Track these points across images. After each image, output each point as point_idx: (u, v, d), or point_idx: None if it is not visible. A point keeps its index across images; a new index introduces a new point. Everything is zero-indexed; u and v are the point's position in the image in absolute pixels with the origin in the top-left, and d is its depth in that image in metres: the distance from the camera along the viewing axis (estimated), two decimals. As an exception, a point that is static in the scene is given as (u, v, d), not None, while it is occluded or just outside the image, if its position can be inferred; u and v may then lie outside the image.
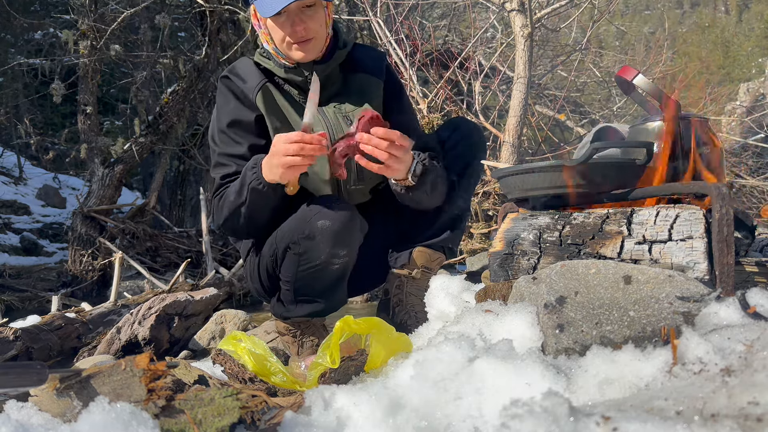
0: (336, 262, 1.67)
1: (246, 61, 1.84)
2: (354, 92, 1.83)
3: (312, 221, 1.63)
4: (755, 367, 0.74)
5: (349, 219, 1.64)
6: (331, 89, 1.81)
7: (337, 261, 1.67)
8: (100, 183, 6.53)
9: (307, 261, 1.67)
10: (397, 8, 5.94)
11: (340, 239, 1.64)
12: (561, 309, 1.12)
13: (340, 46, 1.80)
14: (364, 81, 1.85)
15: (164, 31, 7.28)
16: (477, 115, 5.47)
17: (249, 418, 0.98)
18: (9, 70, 9.84)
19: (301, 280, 1.72)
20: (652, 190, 1.43)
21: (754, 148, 6.02)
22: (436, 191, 1.78)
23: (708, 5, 43.23)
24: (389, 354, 1.30)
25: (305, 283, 1.73)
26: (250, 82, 1.77)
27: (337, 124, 1.77)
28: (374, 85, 1.86)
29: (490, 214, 4.46)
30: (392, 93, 1.91)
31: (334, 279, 1.73)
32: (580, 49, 7.02)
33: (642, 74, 1.58)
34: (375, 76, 1.86)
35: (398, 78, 1.97)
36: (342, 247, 1.65)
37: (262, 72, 1.79)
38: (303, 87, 1.78)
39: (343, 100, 1.82)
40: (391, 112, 1.87)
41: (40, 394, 1.10)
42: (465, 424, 0.91)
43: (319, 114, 1.77)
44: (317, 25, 1.68)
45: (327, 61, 1.76)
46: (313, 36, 1.68)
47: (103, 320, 2.75)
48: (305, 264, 1.68)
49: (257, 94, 1.75)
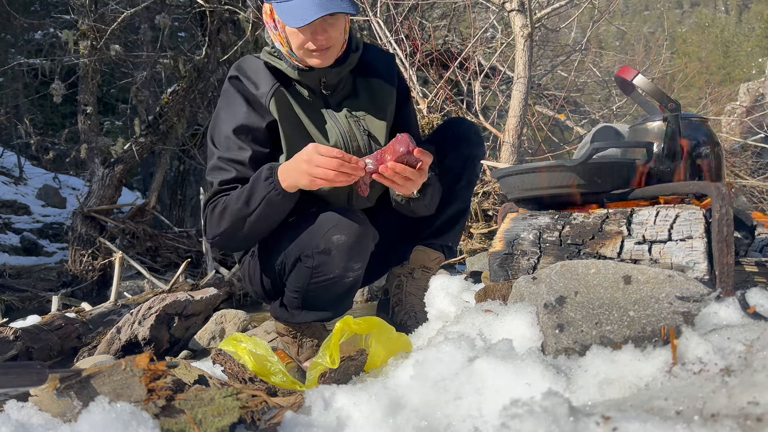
0: (350, 275, 1.65)
1: (255, 62, 1.77)
2: (366, 96, 1.81)
3: (327, 235, 1.58)
4: (755, 367, 0.74)
5: (363, 232, 1.61)
6: (342, 91, 1.79)
7: (351, 274, 1.64)
8: (100, 183, 6.53)
9: (321, 274, 1.64)
10: (397, 8, 5.94)
11: (356, 253, 1.61)
12: (561, 309, 1.12)
13: (353, 49, 1.76)
14: (377, 86, 1.82)
15: (164, 31, 7.29)
16: (477, 115, 5.47)
17: (249, 418, 0.98)
18: (9, 70, 9.85)
19: (311, 291, 1.69)
20: (652, 190, 1.44)
21: (754, 148, 6.02)
22: (432, 202, 1.79)
23: (708, 5, 43.21)
24: (389, 354, 1.30)
25: (315, 294, 1.70)
26: (263, 87, 1.71)
27: (350, 130, 1.75)
28: (387, 91, 1.83)
29: (490, 214, 4.46)
30: (403, 99, 1.90)
31: (345, 290, 1.71)
32: (580, 49, 7.02)
33: (642, 74, 1.58)
34: (388, 83, 1.84)
35: (406, 81, 1.96)
36: (357, 261, 1.62)
37: (271, 72, 1.74)
38: (314, 88, 1.75)
39: (355, 103, 1.79)
40: (399, 117, 1.87)
41: (40, 394, 1.10)
42: (465, 424, 0.91)
43: (331, 119, 1.75)
44: (338, 33, 1.63)
45: (341, 64, 1.73)
46: (333, 44, 1.64)
47: (103, 320, 2.75)
48: (318, 277, 1.64)
49: (271, 100, 1.70)
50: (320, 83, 1.73)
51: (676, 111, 1.52)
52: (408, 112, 1.92)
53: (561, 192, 1.51)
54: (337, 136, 1.74)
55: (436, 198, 1.80)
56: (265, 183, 1.56)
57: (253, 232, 1.64)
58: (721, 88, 9.34)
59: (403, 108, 1.89)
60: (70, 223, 6.90)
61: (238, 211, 1.60)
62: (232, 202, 1.62)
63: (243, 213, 1.59)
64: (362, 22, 5.93)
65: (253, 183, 1.59)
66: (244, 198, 1.59)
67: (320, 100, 1.76)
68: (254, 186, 1.58)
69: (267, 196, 1.55)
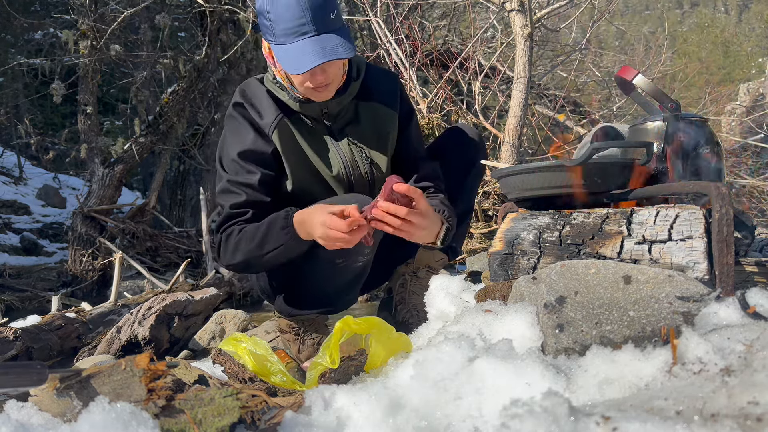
0: (360, 260, 1.67)
1: (258, 89, 1.79)
2: (368, 123, 1.82)
3: None
4: (755, 367, 0.74)
5: None
6: (344, 118, 1.80)
7: (361, 259, 1.67)
8: (100, 183, 6.53)
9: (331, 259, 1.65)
10: (397, 8, 5.94)
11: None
12: (561, 309, 1.12)
13: (354, 77, 1.77)
14: (379, 112, 1.83)
15: (164, 31, 7.29)
16: (477, 115, 5.47)
17: (249, 417, 0.98)
18: (9, 70, 9.84)
19: (321, 277, 1.71)
20: (652, 189, 1.44)
21: (754, 148, 6.02)
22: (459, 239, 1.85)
23: (708, 5, 43.28)
24: (389, 354, 1.30)
25: (324, 282, 1.72)
26: (266, 118, 1.74)
27: (352, 159, 1.78)
28: (389, 117, 1.84)
29: (490, 214, 4.46)
30: (405, 122, 1.90)
31: (353, 277, 1.73)
32: (580, 49, 7.02)
33: (642, 74, 1.58)
34: (390, 108, 1.84)
35: (410, 102, 1.96)
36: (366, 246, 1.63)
37: (274, 101, 1.76)
38: (316, 118, 1.77)
39: (357, 130, 1.80)
40: (402, 140, 1.88)
41: (40, 394, 1.09)
42: (465, 424, 0.91)
43: (333, 146, 1.77)
44: (336, 69, 1.65)
45: (342, 94, 1.75)
46: (332, 81, 1.66)
47: (103, 320, 2.75)
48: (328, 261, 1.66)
49: (273, 131, 1.73)
50: (322, 113, 1.75)
51: (676, 111, 1.53)
52: (410, 135, 1.92)
53: (561, 192, 1.52)
54: (339, 164, 1.77)
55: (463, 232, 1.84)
56: (282, 232, 1.59)
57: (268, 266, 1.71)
58: (721, 88, 9.34)
59: (406, 130, 1.90)
60: (70, 223, 6.90)
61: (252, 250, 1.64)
62: (246, 239, 1.65)
63: (258, 253, 1.64)
64: (362, 22, 5.93)
65: (268, 228, 1.62)
66: (258, 240, 1.63)
67: (323, 128, 1.79)
68: (269, 232, 1.61)
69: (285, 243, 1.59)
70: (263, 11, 1.58)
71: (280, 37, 1.57)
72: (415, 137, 1.94)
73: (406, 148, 1.88)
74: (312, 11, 1.53)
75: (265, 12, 1.57)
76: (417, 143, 1.95)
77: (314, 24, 1.54)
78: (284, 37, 1.56)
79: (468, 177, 1.99)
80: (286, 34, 1.55)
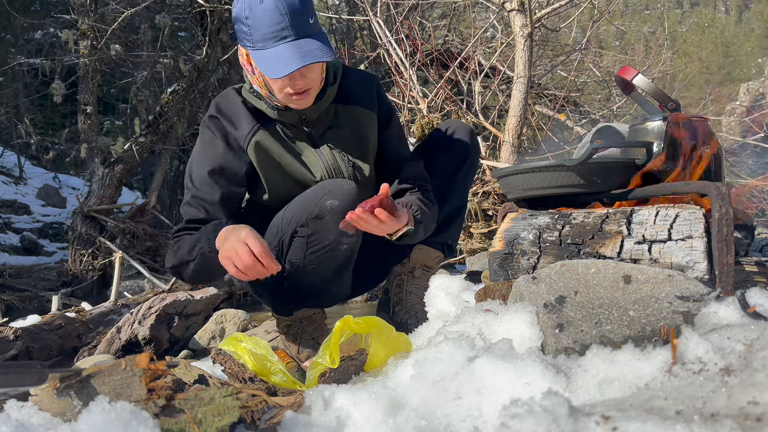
0: (345, 241, 1.67)
1: (234, 99, 1.78)
2: (348, 126, 1.81)
3: (320, 202, 1.62)
4: (755, 366, 0.74)
5: (356, 197, 1.62)
6: (324, 122, 1.80)
7: (345, 241, 1.67)
8: (100, 183, 6.53)
9: (316, 243, 1.66)
10: (397, 8, 5.94)
11: None
12: (561, 308, 1.12)
13: (330, 82, 1.77)
14: (358, 114, 1.82)
15: (164, 31, 7.29)
16: (477, 115, 5.47)
17: (249, 417, 0.98)
18: (9, 70, 9.85)
19: (308, 264, 1.71)
20: (652, 189, 1.44)
21: (753, 148, 6.02)
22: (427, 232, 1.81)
23: (708, 5, 43.25)
24: (389, 354, 1.30)
25: (312, 270, 1.72)
26: (242, 129, 1.74)
27: (335, 163, 1.78)
28: (368, 118, 1.83)
29: (490, 214, 4.46)
30: (385, 122, 1.89)
31: (341, 262, 1.73)
32: (580, 49, 7.02)
33: (642, 74, 1.58)
34: (368, 109, 1.83)
35: (388, 102, 1.95)
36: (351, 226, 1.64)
37: (251, 112, 1.75)
38: (295, 124, 1.77)
39: (337, 134, 1.80)
40: (382, 141, 1.87)
41: (40, 393, 1.09)
42: (465, 423, 0.91)
43: (315, 152, 1.77)
44: (315, 74, 1.64)
45: (320, 99, 1.73)
46: (312, 86, 1.65)
47: (103, 320, 2.75)
48: (314, 246, 1.67)
49: (248, 143, 1.73)
50: (301, 120, 1.75)
51: (676, 111, 1.53)
52: (390, 136, 1.91)
53: (561, 192, 1.52)
54: (322, 169, 1.77)
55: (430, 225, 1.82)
56: (204, 240, 1.64)
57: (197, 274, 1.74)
58: (721, 88, 9.34)
59: (386, 130, 1.89)
60: (70, 223, 6.90)
61: (183, 255, 1.70)
62: (183, 245, 1.72)
63: (187, 258, 1.69)
64: (362, 22, 5.93)
65: (200, 234, 1.68)
66: (189, 246, 1.69)
67: (303, 134, 1.78)
68: (199, 238, 1.67)
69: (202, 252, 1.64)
70: (241, 17, 1.57)
71: (258, 42, 1.56)
72: (396, 137, 1.93)
73: (387, 148, 1.88)
74: (291, 16, 1.52)
75: (244, 18, 1.56)
76: (399, 143, 1.94)
77: (293, 29, 1.53)
78: (263, 42, 1.55)
79: (459, 173, 1.98)
80: (266, 39, 1.55)
